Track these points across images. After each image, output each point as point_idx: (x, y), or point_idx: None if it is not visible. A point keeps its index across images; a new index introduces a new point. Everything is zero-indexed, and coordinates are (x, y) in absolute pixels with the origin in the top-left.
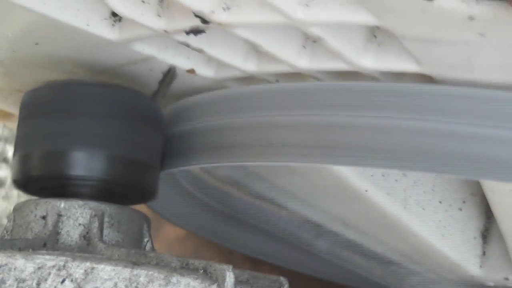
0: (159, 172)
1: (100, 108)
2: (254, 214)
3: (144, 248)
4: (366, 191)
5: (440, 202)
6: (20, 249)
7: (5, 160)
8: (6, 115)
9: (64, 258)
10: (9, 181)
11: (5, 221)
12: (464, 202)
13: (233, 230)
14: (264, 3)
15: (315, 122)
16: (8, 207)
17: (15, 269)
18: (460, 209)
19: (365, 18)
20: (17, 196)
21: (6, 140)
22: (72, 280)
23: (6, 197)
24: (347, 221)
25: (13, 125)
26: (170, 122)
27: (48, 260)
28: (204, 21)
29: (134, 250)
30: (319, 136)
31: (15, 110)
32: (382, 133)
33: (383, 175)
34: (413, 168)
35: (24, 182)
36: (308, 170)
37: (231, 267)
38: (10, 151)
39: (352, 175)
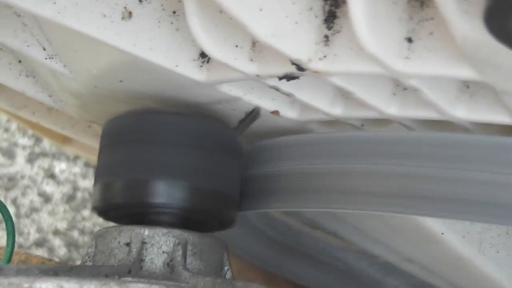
0: (238, 201)
1: (182, 137)
2: (322, 250)
3: (225, 276)
4: (442, 233)
5: None
6: (106, 276)
7: (52, 176)
8: (65, 140)
9: (157, 286)
10: (55, 196)
11: (51, 237)
12: None
13: (298, 264)
14: (363, 54)
15: (401, 172)
16: (54, 222)
17: None
18: None
19: (467, 73)
20: (63, 212)
21: (53, 156)
22: None
23: (52, 213)
24: (420, 262)
25: (71, 149)
26: (249, 162)
27: (141, 287)
28: (300, 68)
29: (220, 279)
30: (403, 186)
31: (79, 137)
32: (467, 186)
33: None
34: (497, 221)
35: (105, 209)
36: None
37: None
38: (57, 167)
39: (428, 218)
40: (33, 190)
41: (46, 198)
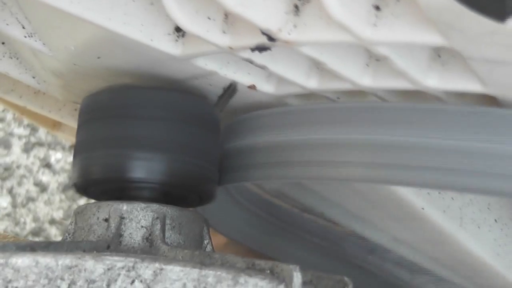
0: (217, 175)
1: (160, 112)
2: (305, 227)
3: (205, 250)
4: (423, 209)
5: (496, 220)
6: (84, 251)
7: (47, 165)
8: (56, 124)
9: (133, 259)
10: (51, 186)
11: (47, 226)
12: None
13: (280, 241)
14: (332, 22)
15: (375, 141)
16: (50, 212)
17: (85, 270)
18: None
19: (434, 39)
20: (59, 201)
21: (49, 146)
22: (141, 281)
23: (48, 202)
24: (401, 238)
25: (62, 134)
26: (227, 136)
27: (117, 261)
28: (271, 39)
29: (198, 252)
30: (378, 155)
31: (67, 121)
32: (441, 154)
33: (439, 193)
34: (473, 190)
35: (84, 186)
36: (364, 187)
37: (297, 267)
38: (53, 156)
39: (408, 193)
40: (29, 179)
41: (42, 187)
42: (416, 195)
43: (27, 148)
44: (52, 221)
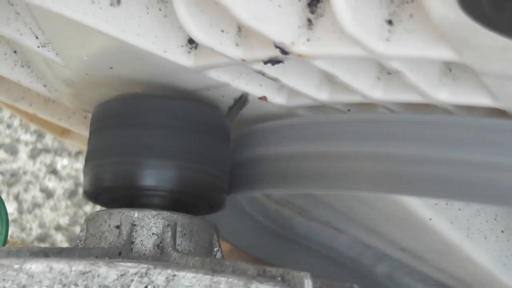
0: (227, 183)
1: (171, 120)
2: (312, 237)
3: (215, 257)
4: (430, 219)
5: (502, 231)
6: (97, 257)
7: (54, 172)
8: (64, 132)
9: (145, 265)
10: (57, 192)
11: (53, 232)
12: None
13: (287, 250)
14: (345, 37)
15: (385, 152)
16: (56, 218)
17: (98, 276)
18: None
19: (446, 54)
20: (65, 207)
21: (55, 152)
22: (154, 287)
23: (54, 208)
24: (408, 248)
25: (70, 141)
26: (237, 146)
27: (130, 267)
28: (284, 52)
29: (209, 259)
30: (388, 167)
31: (76, 128)
32: (451, 166)
33: (447, 204)
34: (482, 201)
35: (95, 193)
36: (372, 197)
37: (308, 274)
38: (59, 163)
39: (416, 203)
40: (35, 185)
41: (48, 193)
42: (424, 206)
43: (33, 154)
44: (58, 227)
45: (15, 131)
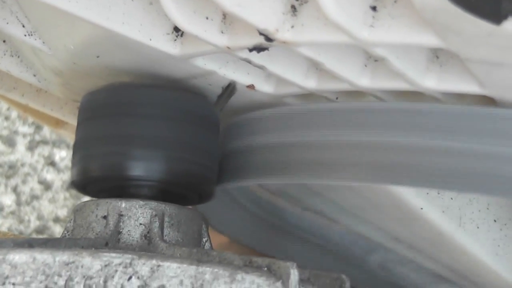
0: (216, 173)
1: (159, 110)
2: (305, 227)
3: (203, 248)
4: (421, 208)
5: (495, 220)
6: (83, 248)
7: (52, 163)
8: (58, 123)
9: (130, 256)
10: (55, 184)
11: (51, 224)
12: None
13: (281, 241)
14: (329, 23)
15: (375, 141)
16: (54, 210)
17: (82, 266)
18: None
19: (431, 40)
20: (63, 199)
21: (53, 144)
22: (138, 278)
23: (53, 200)
24: (400, 237)
25: (65, 132)
26: (227, 136)
27: (114, 258)
28: (268, 39)
29: (196, 249)
30: (378, 156)
31: (69, 119)
32: (439, 155)
33: (438, 193)
34: (473, 190)
35: (83, 184)
36: (363, 186)
37: (295, 264)
38: (57, 154)
39: (407, 193)
40: (33, 177)
41: (47, 185)
42: (415, 195)
43: (31, 146)
44: (56, 219)
45: (13, 123)
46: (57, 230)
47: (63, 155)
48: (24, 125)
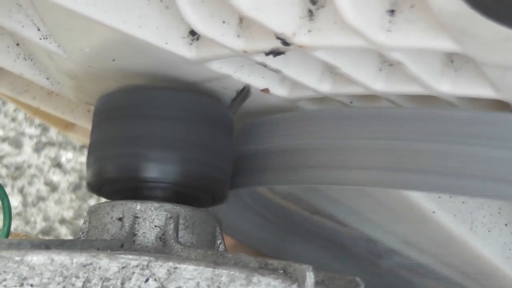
0: (230, 176)
1: (174, 112)
2: (315, 230)
3: (218, 249)
4: (434, 212)
5: (506, 224)
6: (98, 250)
7: (58, 165)
8: (68, 125)
9: (147, 258)
10: (62, 185)
11: (57, 226)
12: None
13: (289, 244)
14: (346, 27)
15: (389, 146)
16: (60, 211)
17: (99, 268)
18: None
19: (447, 44)
20: (69, 201)
21: (60, 146)
22: (155, 280)
23: (59, 202)
24: (412, 241)
25: (74, 135)
26: (240, 139)
27: (131, 259)
28: (285, 43)
29: (211, 251)
30: (392, 161)
31: (79, 121)
32: (453, 159)
33: (450, 197)
34: (485, 195)
35: (98, 185)
36: (375, 190)
37: (310, 267)
38: (64, 156)
39: (419, 196)
40: (39, 179)
41: (53, 187)
42: (427, 199)
43: (38, 148)
44: (62, 221)
45: (19, 124)
46: (63, 232)
47: (70, 157)
48: (30, 126)
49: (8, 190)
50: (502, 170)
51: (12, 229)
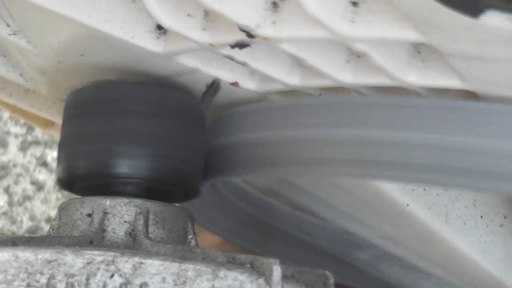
0: (202, 170)
1: (144, 107)
2: (294, 224)
3: (189, 245)
4: (408, 205)
5: (481, 217)
6: (67, 246)
7: (44, 164)
8: (48, 123)
9: (112, 253)
10: (48, 184)
11: (43, 225)
12: (505, 217)
13: (271, 239)
14: (310, 19)
15: (360, 136)
16: (46, 210)
17: (64, 264)
18: (502, 225)
19: (411, 35)
20: (56, 200)
21: (45, 144)
22: (121, 275)
23: (45, 201)
24: (388, 234)
25: (54, 133)
26: (212, 133)
27: (96, 255)
28: (250, 35)
29: (180, 246)
30: (363, 151)
31: (57, 119)
32: (423, 150)
33: (424, 190)
34: (455, 184)
35: (68, 181)
36: (349, 183)
37: (277, 261)
38: (49, 155)
39: (393, 189)
40: (25, 178)
41: (39, 186)
42: (401, 192)
43: (23, 147)
44: (49, 220)
45: (4, 123)
46: None
47: (55, 156)
48: (16, 125)
49: None
50: (474, 161)
51: None
